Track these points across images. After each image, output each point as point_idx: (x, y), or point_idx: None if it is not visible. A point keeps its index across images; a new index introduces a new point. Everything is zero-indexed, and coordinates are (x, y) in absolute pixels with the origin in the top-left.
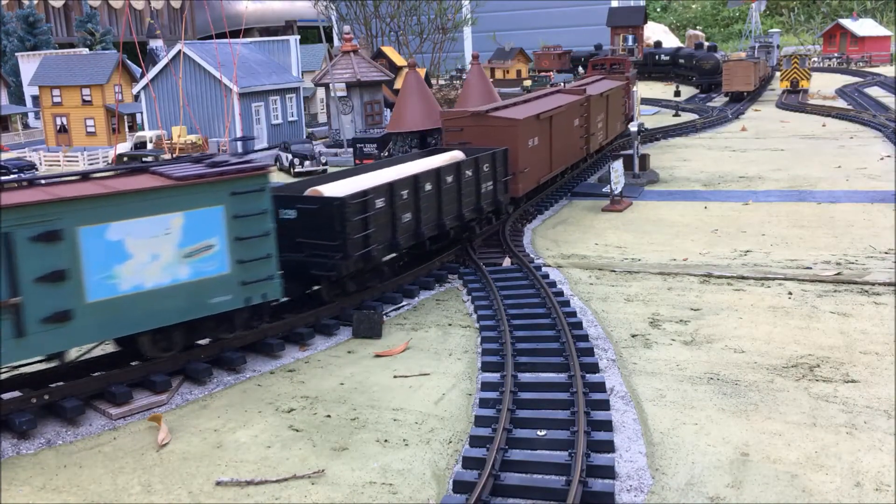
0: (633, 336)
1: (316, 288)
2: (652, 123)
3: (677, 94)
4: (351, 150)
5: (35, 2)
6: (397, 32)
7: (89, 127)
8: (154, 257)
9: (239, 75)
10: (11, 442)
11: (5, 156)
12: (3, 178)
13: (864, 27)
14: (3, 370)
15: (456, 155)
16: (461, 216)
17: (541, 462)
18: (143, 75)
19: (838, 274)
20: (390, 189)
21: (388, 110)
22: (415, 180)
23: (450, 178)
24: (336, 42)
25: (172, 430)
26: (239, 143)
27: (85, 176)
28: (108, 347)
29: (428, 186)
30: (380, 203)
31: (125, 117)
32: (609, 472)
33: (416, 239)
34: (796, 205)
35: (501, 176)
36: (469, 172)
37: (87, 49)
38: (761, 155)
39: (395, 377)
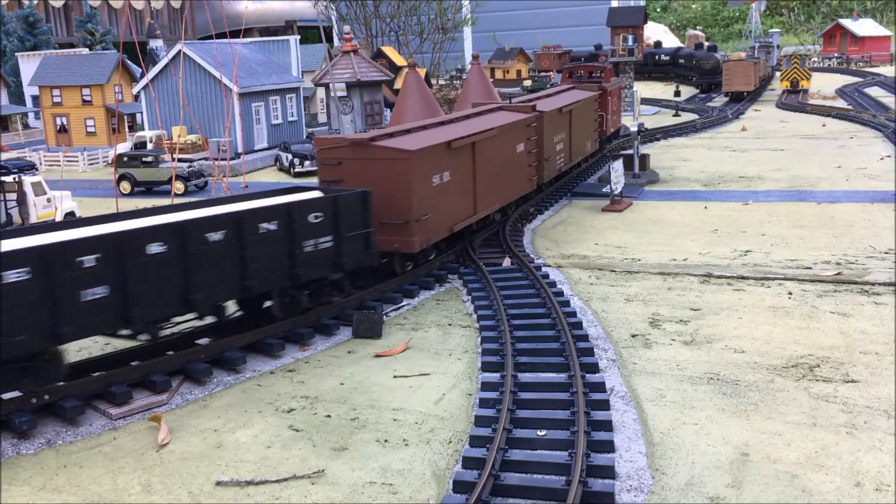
0: (633, 336)
1: None
2: (652, 123)
3: (677, 94)
4: None
5: (35, 2)
6: (397, 32)
7: (89, 127)
8: None
9: (239, 75)
10: (11, 442)
11: (5, 156)
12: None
13: (864, 27)
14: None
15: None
16: (245, 287)
17: (541, 462)
18: (143, 75)
19: (838, 274)
20: (44, 255)
21: (388, 110)
22: (116, 241)
23: (216, 236)
24: (336, 42)
25: (172, 430)
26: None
27: None
28: (109, 347)
29: (155, 248)
30: (16, 275)
31: (125, 117)
32: (609, 472)
33: (123, 325)
34: (796, 205)
35: (355, 228)
36: (269, 226)
37: (87, 49)
38: (761, 155)
39: (395, 377)
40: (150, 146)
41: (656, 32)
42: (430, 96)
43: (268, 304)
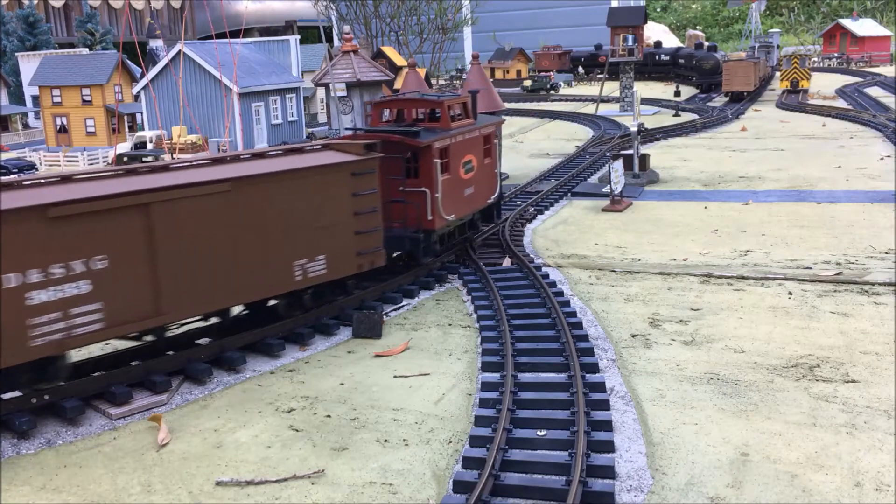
0: (633, 336)
1: None
2: (652, 123)
3: (677, 94)
4: None
5: (35, 2)
6: (397, 32)
7: (89, 127)
8: None
9: (239, 75)
10: (11, 442)
11: (5, 156)
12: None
13: (864, 27)
14: None
15: None
16: None
17: (541, 462)
18: (143, 75)
19: (838, 274)
20: None
21: None
22: None
23: None
24: (336, 42)
25: (172, 430)
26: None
27: None
28: (108, 348)
29: None
30: None
31: (125, 117)
32: (609, 472)
33: None
34: (796, 205)
35: None
36: None
37: (87, 49)
38: (761, 155)
39: (395, 377)
40: (150, 146)
41: (656, 32)
42: None
43: None
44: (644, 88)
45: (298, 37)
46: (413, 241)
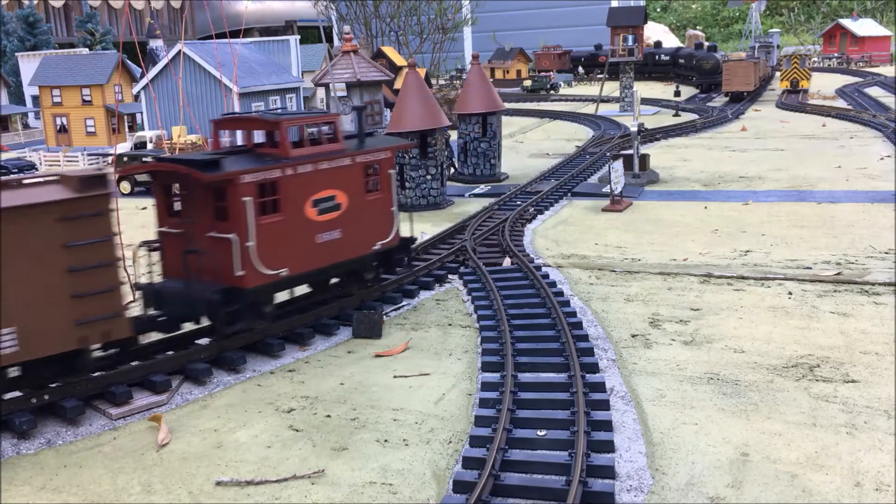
0: (633, 336)
1: None
2: (652, 123)
3: (677, 94)
4: None
5: (35, 2)
6: (397, 32)
7: (89, 127)
8: None
9: (239, 75)
10: (11, 442)
11: (5, 156)
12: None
13: (864, 27)
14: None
15: None
16: None
17: (541, 462)
18: (143, 75)
19: (838, 274)
20: None
21: (388, 110)
22: None
23: None
24: (336, 42)
25: (172, 430)
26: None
27: None
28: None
29: None
30: None
31: (125, 117)
32: (609, 472)
33: None
34: (796, 205)
35: None
36: None
37: (87, 49)
38: (761, 155)
39: (395, 377)
40: (150, 146)
41: (656, 32)
42: (430, 96)
43: None
44: (644, 88)
45: (298, 37)
46: (210, 304)
